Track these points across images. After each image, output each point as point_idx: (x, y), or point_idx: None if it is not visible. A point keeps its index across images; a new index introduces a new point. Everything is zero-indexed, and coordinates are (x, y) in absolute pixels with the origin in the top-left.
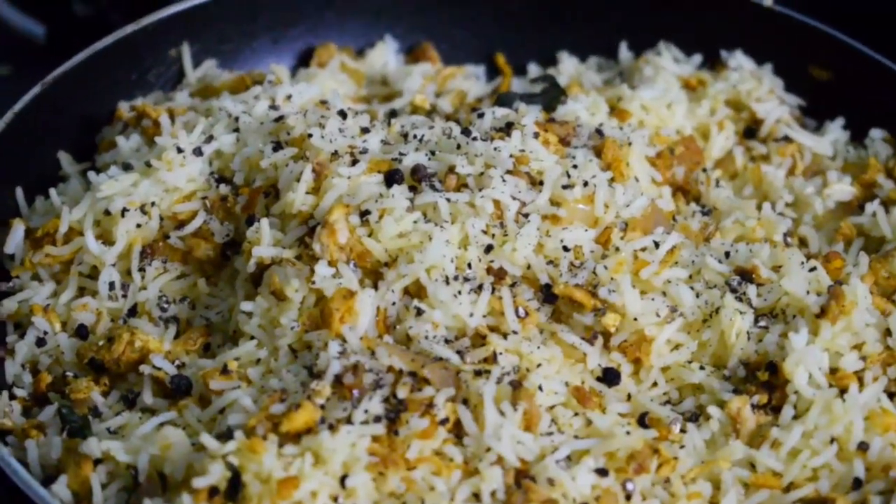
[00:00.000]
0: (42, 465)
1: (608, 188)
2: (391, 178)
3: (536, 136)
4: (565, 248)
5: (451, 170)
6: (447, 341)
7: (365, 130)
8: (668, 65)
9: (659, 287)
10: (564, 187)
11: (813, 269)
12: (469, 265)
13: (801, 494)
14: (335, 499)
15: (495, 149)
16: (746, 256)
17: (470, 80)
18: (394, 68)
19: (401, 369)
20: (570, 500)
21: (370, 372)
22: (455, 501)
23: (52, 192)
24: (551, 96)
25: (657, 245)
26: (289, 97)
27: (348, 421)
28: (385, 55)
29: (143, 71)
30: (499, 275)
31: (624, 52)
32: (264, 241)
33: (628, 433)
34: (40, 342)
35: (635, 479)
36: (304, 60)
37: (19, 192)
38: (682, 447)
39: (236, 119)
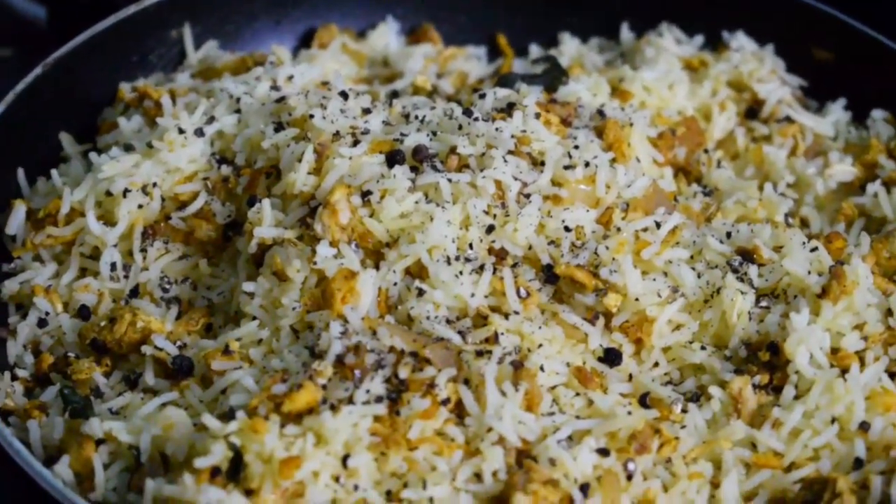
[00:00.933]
0: (44, 446)
1: (610, 169)
2: (393, 158)
3: (538, 116)
4: (567, 229)
5: (453, 150)
6: (448, 321)
7: (366, 111)
8: (669, 45)
9: (660, 267)
10: (566, 168)
11: (814, 250)
12: (470, 245)
13: (802, 474)
14: (337, 479)
15: (497, 129)
16: (748, 237)
17: (471, 62)
18: (395, 49)
19: (402, 349)
20: (571, 479)
21: (372, 352)
22: (456, 481)
23: (54, 172)
24: (553, 77)
25: (658, 225)
26: (290, 78)
27: (350, 401)
28: (386, 36)
29: (144, 52)
30: (500, 255)
31: (625, 32)
32: (266, 222)
33: (629, 413)
34: (42, 323)
35: (637, 459)
36: (305, 41)
37: (21, 173)
38: (683, 427)
39: (238, 100)
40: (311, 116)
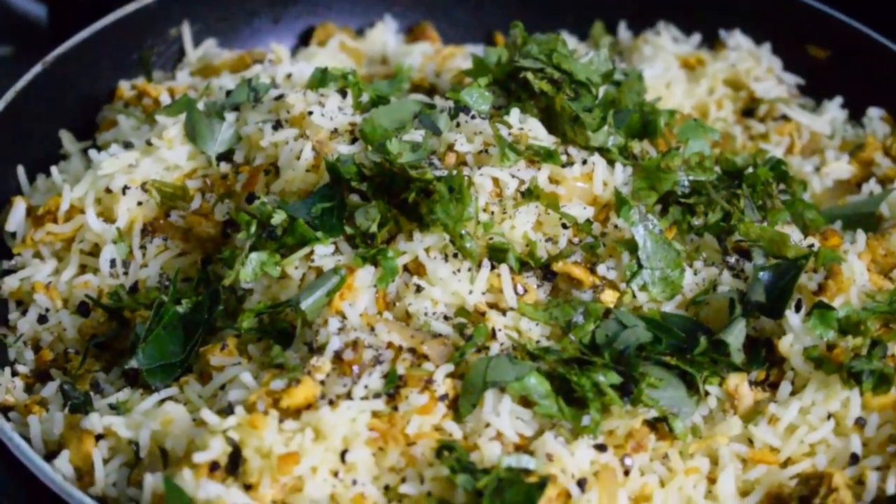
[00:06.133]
0: (44, 441)
1: (606, 166)
2: None
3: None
4: (564, 226)
5: (450, 147)
6: (446, 318)
7: (364, 109)
8: (667, 44)
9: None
10: (563, 165)
11: (811, 247)
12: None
13: (798, 469)
14: (335, 474)
15: (494, 126)
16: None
17: (469, 60)
18: (393, 48)
19: (400, 345)
20: (568, 475)
21: (370, 348)
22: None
23: (54, 170)
24: None
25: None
26: (289, 76)
27: (348, 396)
28: (385, 35)
29: (143, 50)
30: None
31: (623, 31)
32: None
33: (627, 411)
34: (42, 319)
35: (634, 456)
36: (304, 40)
37: (21, 170)
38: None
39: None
40: (310, 113)
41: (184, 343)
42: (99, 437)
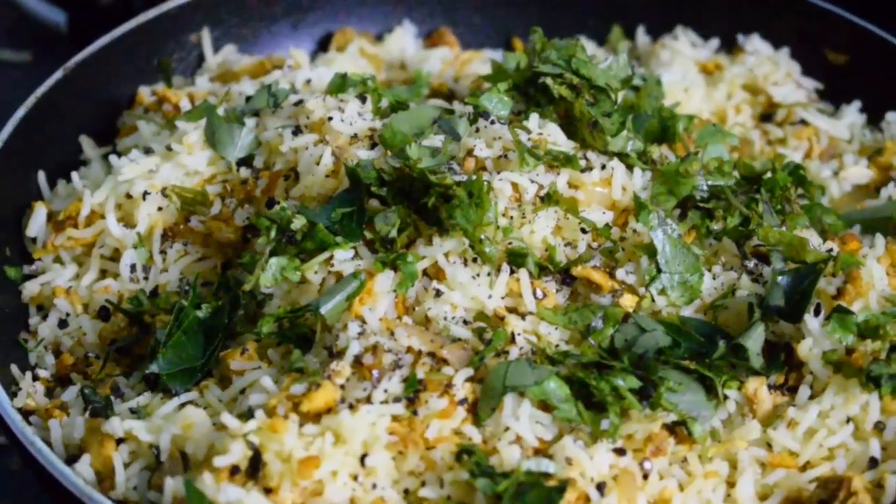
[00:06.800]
0: (65, 445)
1: (625, 171)
2: None
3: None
4: (583, 231)
5: (469, 152)
6: (465, 322)
7: (384, 114)
8: (685, 49)
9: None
10: (582, 170)
11: (829, 251)
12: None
13: (817, 473)
14: (355, 478)
15: (513, 132)
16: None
17: (487, 65)
18: (412, 53)
19: (420, 350)
20: (587, 478)
21: (389, 352)
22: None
23: (74, 175)
24: None
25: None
26: (308, 82)
27: (368, 401)
28: (403, 40)
29: (163, 56)
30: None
31: (641, 36)
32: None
33: (646, 415)
34: (62, 324)
35: (653, 460)
36: (322, 45)
37: (41, 175)
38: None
39: None
40: (330, 119)
41: (204, 347)
42: (119, 441)
